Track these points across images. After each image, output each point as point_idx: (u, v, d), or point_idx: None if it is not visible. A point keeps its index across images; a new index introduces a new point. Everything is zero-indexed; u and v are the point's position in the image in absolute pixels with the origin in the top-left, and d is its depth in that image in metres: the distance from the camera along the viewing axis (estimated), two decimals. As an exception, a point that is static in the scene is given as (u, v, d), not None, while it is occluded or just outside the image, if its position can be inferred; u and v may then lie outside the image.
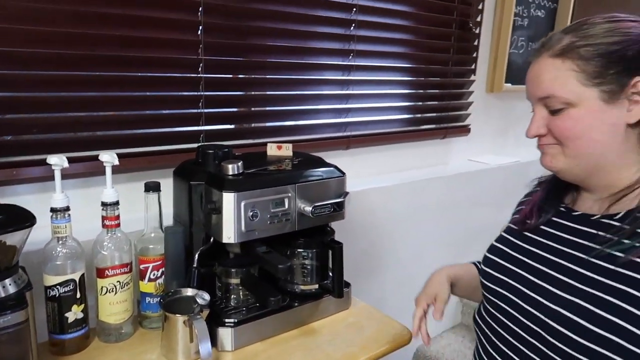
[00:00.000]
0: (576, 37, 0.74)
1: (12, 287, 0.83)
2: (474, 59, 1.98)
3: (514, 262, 0.86)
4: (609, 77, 0.72)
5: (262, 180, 0.99)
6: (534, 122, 0.79)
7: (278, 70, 1.45)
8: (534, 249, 0.85)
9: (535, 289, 0.80)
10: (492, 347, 0.87)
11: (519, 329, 0.80)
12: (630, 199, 0.75)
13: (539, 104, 0.78)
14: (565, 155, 0.77)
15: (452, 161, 2.07)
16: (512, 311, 0.82)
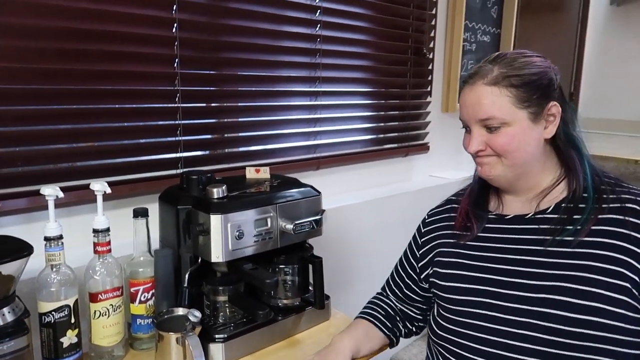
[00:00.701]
0: (505, 69, 0.88)
1: (10, 316, 0.86)
2: (429, 82, 2.13)
3: (477, 274, 0.93)
4: (533, 101, 0.88)
5: (246, 202, 1.06)
6: (474, 139, 0.91)
7: (250, 98, 1.53)
8: (489, 254, 0.94)
9: (511, 286, 0.88)
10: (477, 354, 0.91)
11: (508, 327, 0.87)
12: (553, 195, 0.93)
13: (477, 124, 0.90)
14: (503, 164, 0.91)
15: (415, 177, 2.20)
16: (497, 314, 0.88)
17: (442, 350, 0.97)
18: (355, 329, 1.09)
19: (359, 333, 1.07)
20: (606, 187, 0.90)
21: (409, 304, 1.13)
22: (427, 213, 1.14)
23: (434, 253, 1.04)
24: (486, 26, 2.44)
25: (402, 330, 1.12)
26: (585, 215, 0.87)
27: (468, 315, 0.92)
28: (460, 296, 0.94)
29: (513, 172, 0.91)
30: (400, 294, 1.13)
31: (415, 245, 1.12)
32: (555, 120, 0.90)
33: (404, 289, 1.12)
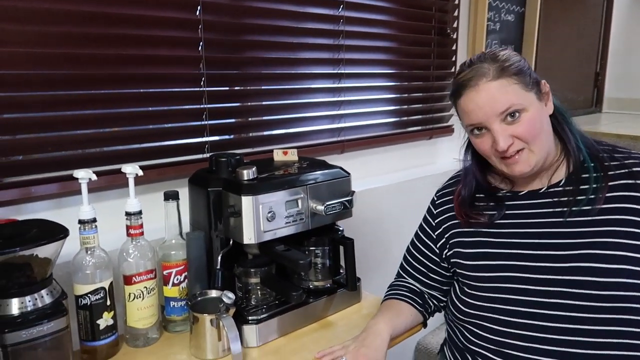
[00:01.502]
0: (498, 62, 0.90)
1: (48, 298, 0.87)
2: (453, 63, 2.09)
3: (501, 250, 0.95)
4: (532, 83, 0.91)
5: (276, 183, 1.05)
6: (500, 136, 0.89)
7: (274, 81, 1.52)
8: (510, 230, 0.96)
9: (538, 259, 0.91)
10: (509, 327, 0.92)
11: (539, 298, 0.90)
12: (561, 169, 0.96)
13: (497, 120, 0.89)
14: (534, 153, 0.91)
15: (439, 160, 2.17)
16: (527, 286, 0.91)
17: (470, 326, 0.98)
18: (387, 310, 1.08)
19: (392, 313, 1.07)
20: (603, 155, 0.94)
21: (430, 285, 1.12)
22: (435, 194, 1.14)
23: (450, 233, 1.05)
24: (510, 4, 2.38)
25: (432, 305, 1.13)
26: (593, 184, 0.91)
27: (496, 291, 0.94)
28: (485, 273, 0.96)
29: (543, 155, 0.92)
30: (420, 276, 1.13)
31: (428, 227, 1.12)
32: (549, 96, 0.94)
33: (425, 272, 1.12)
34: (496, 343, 0.93)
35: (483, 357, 0.96)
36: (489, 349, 0.95)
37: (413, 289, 1.13)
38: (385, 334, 1.00)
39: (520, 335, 0.91)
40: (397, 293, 1.12)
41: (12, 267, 0.83)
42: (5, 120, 1.08)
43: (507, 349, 0.92)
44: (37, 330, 0.81)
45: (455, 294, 1.04)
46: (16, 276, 0.83)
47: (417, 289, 1.13)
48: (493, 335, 0.94)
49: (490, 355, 0.94)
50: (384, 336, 1.00)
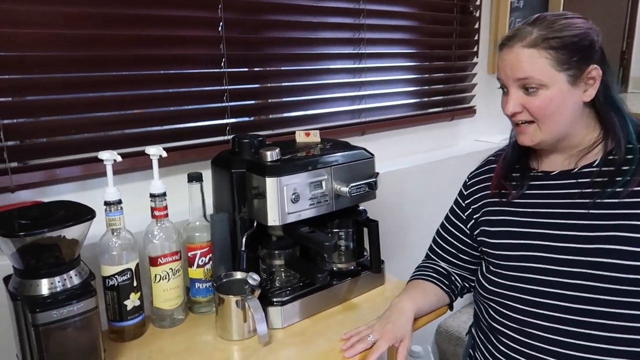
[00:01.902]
0: (544, 31, 0.86)
1: (77, 278, 0.87)
2: (475, 42, 2.04)
3: (526, 229, 0.94)
4: (573, 63, 0.86)
5: (300, 165, 1.04)
6: (511, 100, 0.89)
7: (294, 61, 1.50)
8: (538, 210, 0.94)
9: (563, 239, 0.90)
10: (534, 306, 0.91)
11: (561, 279, 0.88)
12: (596, 151, 0.93)
13: (515, 84, 0.89)
14: (542, 131, 0.90)
15: (460, 142, 2.13)
16: (550, 266, 0.90)
17: (494, 304, 0.98)
18: (412, 289, 1.08)
19: (417, 292, 1.06)
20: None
21: (460, 265, 1.11)
22: (467, 176, 1.13)
23: (481, 213, 1.04)
24: (535, -19, 2.31)
25: (458, 286, 1.12)
26: (635, 166, 0.88)
27: (520, 270, 0.93)
28: (509, 252, 0.95)
29: (553, 136, 0.91)
30: (450, 257, 1.12)
31: (459, 208, 1.11)
32: (595, 83, 0.88)
33: (454, 252, 1.11)
34: (519, 322, 0.93)
35: (506, 336, 0.95)
36: (511, 328, 0.94)
37: (439, 270, 1.12)
38: (409, 311, 1.00)
39: (543, 315, 0.90)
40: (423, 273, 1.11)
41: (41, 248, 0.83)
42: (29, 102, 1.08)
43: (530, 329, 0.91)
44: (67, 310, 0.82)
45: (482, 272, 1.03)
46: (45, 257, 0.84)
47: (444, 270, 1.12)
48: (515, 314, 0.93)
49: (512, 334, 0.94)
50: (409, 314, 0.99)
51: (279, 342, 1.00)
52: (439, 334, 2.09)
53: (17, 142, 1.07)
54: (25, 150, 1.09)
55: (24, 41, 1.03)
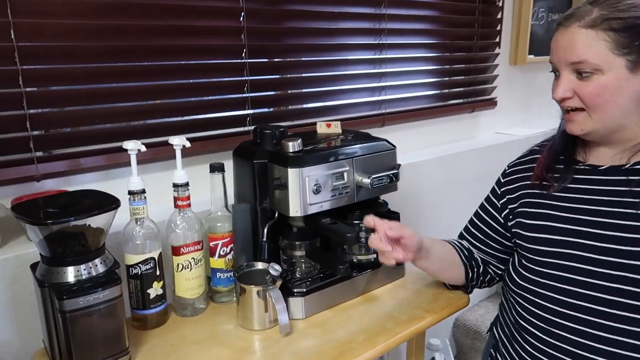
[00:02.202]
0: (606, 11, 0.80)
1: (102, 267, 0.88)
2: (497, 32, 2.01)
3: (565, 225, 0.89)
4: (634, 47, 0.79)
5: (322, 156, 1.04)
6: (561, 84, 0.84)
7: (315, 52, 1.49)
8: (580, 206, 0.88)
9: (603, 239, 0.84)
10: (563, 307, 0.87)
11: (596, 280, 0.83)
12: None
13: (567, 68, 0.83)
14: (593, 120, 0.84)
15: (480, 134, 2.11)
16: (586, 266, 0.85)
17: (522, 300, 0.94)
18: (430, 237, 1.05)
19: (433, 239, 1.04)
20: None
21: (489, 253, 1.08)
22: (507, 164, 1.08)
23: (518, 203, 0.99)
24: (559, -30, 2.26)
25: (479, 266, 1.08)
26: None
27: (554, 267, 0.88)
28: (545, 247, 0.90)
29: (605, 127, 0.85)
30: (478, 243, 1.09)
31: (494, 196, 1.07)
32: None
33: (483, 238, 1.08)
34: (547, 321, 0.89)
35: (532, 335, 0.91)
36: (538, 327, 0.90)
37: (466, 246, 1.10)
38: (425, 243, 0.98)
39: (573, 317, 0.85)
40: (449, 241, 1.11)
41: (68, 236, 0.84)
42: (53, 92, 1.09)
43: (558, 329, 0.87)
44: (93, 298, 0.83)
45: (513, 264, 1.00)
46: (71, 245, 0.85)
47: (470, 251, 1.09)
48: (544, 313, 0.89)
49: (539, 333, 0.90)
50: (414, 236, 0.95)
51: (299, 333, 1.00)
52: (457, 327, 2.08)
53: (42, 131, 1.08)
54: (50, 140, 1.11)
55: (49, 31, 1.04)
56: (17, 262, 0.97)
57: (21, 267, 0.97)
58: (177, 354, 0.93)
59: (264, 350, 0.95)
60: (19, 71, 1.01)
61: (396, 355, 1.75)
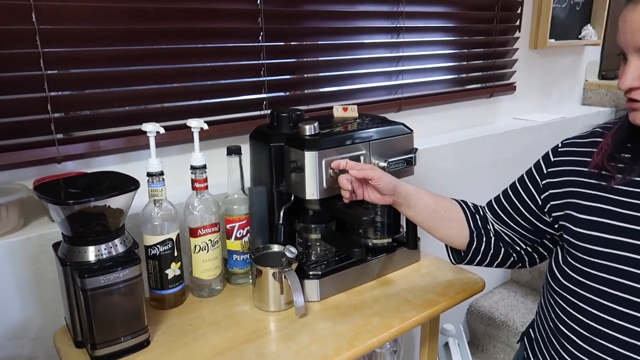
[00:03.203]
0: None
1: (121, 247, 0.90)
2: (518, 15, 1.97)
3: (626, 224, 0.75)
4: None
5: (339, 139, 1.03)
6: (629, 72, 0.72)
7: (332, 35, 1.48)
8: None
9: None
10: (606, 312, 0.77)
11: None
12: None
13: (635, 54, 0.72)
14: None
15: (498, 120, 2.08)
16: (637, 270, 0.73)
17: (563, 302, 0.83)
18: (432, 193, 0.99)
19: (427, 192, 0.98)
20: None
21: (514, 230, 0.96)
22: (561, 141, 0.92)
23: (568, 192, 0.85)
24: (583, -49, 2.20)
25: (492, 238, 0.98)
26: None
27: (606, 270, 0.76)
28: (600, 247, 0.77)
29: None
30: (506, 216, 0.96)
31: (538, 173, 0.92)
32: None
33: (512, 213, 0.95)
34: (589, 329, 0.78)
35: (571, 343, 0.81)
36: (578, 334, 0.80)
37: (481, 213, 1.01)
38: (403, 188, 0.95)
39: (620, 327, 0.75)
40: (458, 200, 1.02)
41: (88, 216, 0.86)
42: (73, 75, 1.11)
43: (601, 339, 0.77)
44: (113, 277, 0.85)
45: (556, 260, 0.88)
46: (92, 225, 0.86)
47: (489, 218, 1.00)
48: (588, 320, 0.78)
49: (579, 341, 0.79)
50: (400, 186, 0.94)
51: (315, 315, 1.01)
52: (471, 313, 2.08)
53: (62, 114, 1.10)
54: (70, 122, 1.12)
55: (69, 14, 1.05)
56: (39, 241, 1.00)
57: (44, 246, 1.00)
58: (195, 333, 0.95)
59: (279, 331, 0.96)
60: (40, 54, 1.02)
61: (410, 340, 1.76)
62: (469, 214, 0.99)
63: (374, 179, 0.92)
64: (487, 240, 0.98)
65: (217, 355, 0.89)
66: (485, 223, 1.00)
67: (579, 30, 2.36)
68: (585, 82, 2.56)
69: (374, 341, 0.93)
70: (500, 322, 1.98)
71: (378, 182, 0.92)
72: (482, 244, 0.97)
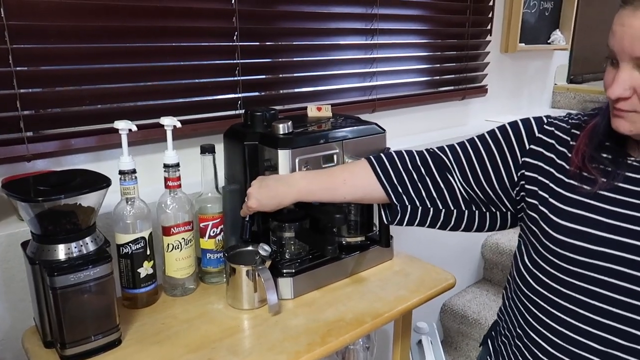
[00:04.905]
0: None
1: (92, 245, 0.89)
2: (489, 19, 2.02)
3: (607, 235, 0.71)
4: None
5: (312, 138, 1.05)
6: (620, 82, 0.67)
7: (306, 36, 1.49)
8: (630, 212, 0.70)
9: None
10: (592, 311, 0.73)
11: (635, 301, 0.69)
12: None
13: (630, 63, 0.66)
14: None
15: (471, 122, 2.13)
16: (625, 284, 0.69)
17: (534, 309, 0.79)
18: (340, 170, 0.96)
19: (335, 175, 0.94)
20: None
21: (465, 184, 0.87)
22: (545, 116, 0.84)
23: (542, 183, 0.79)
24: (551, -42, 2.27)
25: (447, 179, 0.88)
26: None
27: (587, 281, 0.72)
28: (583, 258, 0.72)
29: None
30: (469, 169, 0.86)
31: (518, 144, 0.82)
32: None
33: (477, 170, 0.85)
34: (560, 336, 0.75)
35: (540, 349, 0.78)
36: (549, 341, 0.77)
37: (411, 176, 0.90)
38: (294, 192, 0.94)
39: (596, 336, 0.72)
40: (380, 160, 0.93)
41: (58, 214, 0.85)
42: (43, 72, 1.09)
43: (574, 347, 0.74)
44: (84, 275, 0.84)
45: (523, 263, 0.82)
46: (62, 223, 0.85)
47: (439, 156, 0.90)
48: (559, 326, 0.75)
49: (549, 348, 0.77)
50: (290, 195, 0.94)
51: (288, 312, 1.02)
52: (444, 312, 2.12)
53: (32, 111, 1.08)
54: (40, 120, 1.11)
55: (39, 10, 1.04)
56: (7, 241, 0.98)
57: (12, 246, 0.98)
58: (167, 332, 0.94)
59: (253, 329, 0.96)
60: (9, 50, 1.00)
61: (383, 337, 1.78)
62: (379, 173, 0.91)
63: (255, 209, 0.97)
64: (408, 199, 0.90)
65: (189, 353, 0.89)
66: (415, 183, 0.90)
67: (548, 35, 2.42)
68: (555, 86, 2.64)
69: (347, 337, 0.94)
70: (472, 320, 2.02)
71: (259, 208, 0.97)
72: (407, 206, 0.90)
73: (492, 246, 2.19)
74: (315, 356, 0.89)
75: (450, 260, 2.04)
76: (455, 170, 0.88)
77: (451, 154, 0.90)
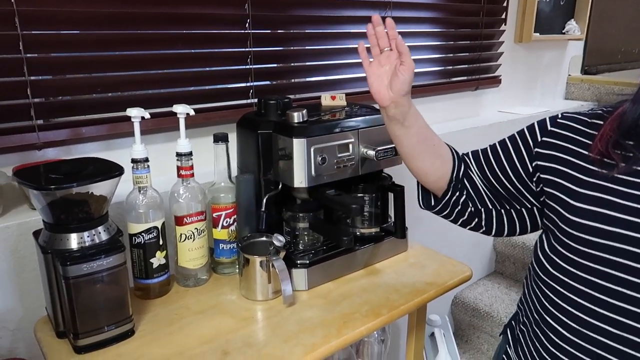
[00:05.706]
0: None
1: (105, 234, 0.87)
2: (504, 8, 1.97)
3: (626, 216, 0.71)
4: None
5: (327, 127, 1.02)
6: None
7: (320, 24, 1.46)
8: None
9: None
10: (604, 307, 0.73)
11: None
12: None
13: None
14: None
15: (484, 112, 2.09)
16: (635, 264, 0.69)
17: (551, 293, 0.79)
18: None
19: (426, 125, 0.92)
20: None
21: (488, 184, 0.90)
22: (561, 112, 0.85)
23: (558, 170, 0.79)
24: (568, -55, 2.22)
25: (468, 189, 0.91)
26: None
27: (603, 263, 0.72)
28: (600, 239, 0.72)
29: None
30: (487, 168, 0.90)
31: (532, 137, 0.84)
32: None
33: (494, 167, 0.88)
34: (576, 320, 0.75)
35: (557, 334, 0.78)
36: (565, 325, 0.76)
37: (465, 159, 0.93)
38: (409, 102, 0.89)
39: (611, 320, 0.72)
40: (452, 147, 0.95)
41: (70, 203, 0.83)
42: (54, 59, 1.07)
43: (590, 331, 0.74)
44: (96, 265, 0.82)
45: (542, 249, 0.82)
46: (74, 212, 0.84)
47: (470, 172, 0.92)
48: (579, 312, 0.75)
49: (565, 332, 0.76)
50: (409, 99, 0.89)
51: (302, 303, 1.00)
52: (455, 304, 2.10)
53: (43, 99, 1.07)
54: (51, 108, 1.09)
55: (50, -4, 1.02)
56: (19, 230, 0.97)
57: (23, 235, 0.97)
58: (180, 322, 0.93)
59: (267, 320, 0.95)
60: (19, 36, 0.98)
61: (396, 330, 1.77)
62: (456, 163, 0.92)
63: (405, 65, 0.86)
64: (459, 195, 0.91)
65: (203, 344, 0.87)
66: (465, 175, 0.92)
67: (563, 25, 2.38)
68: (569, 77, 2.59)
69: (363, 329, 0.93)
70: (484, 313, 2.00)
71: (405, 71, 0.86)
72: (453, 197, 0.91)
73: (504, 239, 2.17)
74: (332, 348, 0.88)
75: (462, 253, 2.01)
76: (472, 166, 0.92)
77: (471, 153, 0.94)
